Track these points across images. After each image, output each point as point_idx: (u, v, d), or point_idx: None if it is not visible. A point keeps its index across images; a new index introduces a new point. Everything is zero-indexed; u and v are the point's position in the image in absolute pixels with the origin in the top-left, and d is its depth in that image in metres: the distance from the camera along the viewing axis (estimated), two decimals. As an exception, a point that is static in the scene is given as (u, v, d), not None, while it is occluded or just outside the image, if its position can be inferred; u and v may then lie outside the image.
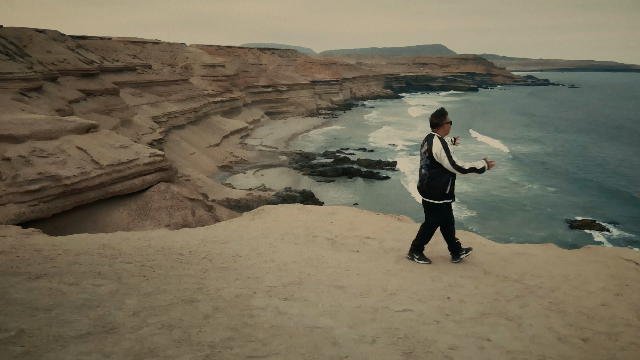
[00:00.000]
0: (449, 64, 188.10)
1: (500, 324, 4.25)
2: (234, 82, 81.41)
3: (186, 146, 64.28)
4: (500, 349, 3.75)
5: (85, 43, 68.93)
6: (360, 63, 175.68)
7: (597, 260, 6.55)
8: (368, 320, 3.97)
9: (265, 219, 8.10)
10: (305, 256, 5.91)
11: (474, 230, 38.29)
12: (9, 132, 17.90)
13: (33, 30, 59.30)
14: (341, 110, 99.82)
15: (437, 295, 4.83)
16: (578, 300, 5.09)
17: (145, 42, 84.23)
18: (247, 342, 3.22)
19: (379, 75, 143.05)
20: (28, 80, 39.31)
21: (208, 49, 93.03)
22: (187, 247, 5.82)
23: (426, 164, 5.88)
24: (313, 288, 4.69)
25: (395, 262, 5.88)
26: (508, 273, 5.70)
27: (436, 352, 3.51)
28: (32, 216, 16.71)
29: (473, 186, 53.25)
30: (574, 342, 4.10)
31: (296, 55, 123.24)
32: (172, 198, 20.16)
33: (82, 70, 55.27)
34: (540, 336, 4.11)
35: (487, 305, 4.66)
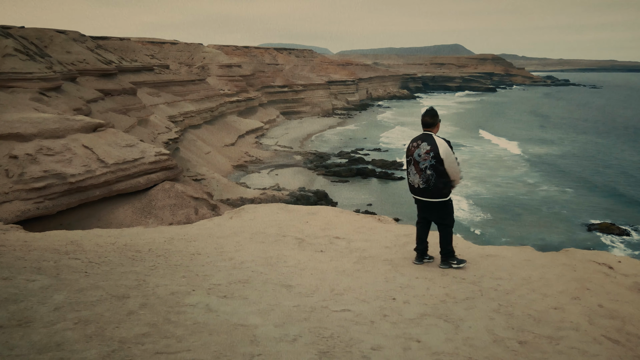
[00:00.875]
0: (466, 64, 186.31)
1: (438, 325, 4.23)
2: (250, 82, 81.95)
3: (202, 145, 64.98)
4: (426, 350, 3.73)
5: (105, 43, 70.17)
6: (377, 63, 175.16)
7: (566, 264, 6.45)
8: (300, 319, 3.99)
9: (243, 217, 8.18)
10: (267, 255, 5.96)
11: (489, 233, 37.85)
12: (17, 131, 18.35)
13: (54, 30, 60.54)
14: (357, 111, 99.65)
15: (384, 296, 4.82)
16: (530, 303, 5.03)
17: (164, 42, 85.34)
18: (162, 338, 3.28)
19: (395, 76, 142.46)
20: (47, 80, 40.20)
21: (225, 49, 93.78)
22: (151, 244, 5.92)
23: (431, 165, 5.71)
24: (259, 287, 4.73)
25: (355, 262, 5.89)
26: (467, 275, 5.66)
27: (356, 352, 3.52)
28: (37, 213, 17.11)
29: (488, 188, 52.69)
30: (509, 345, 4.06)
31: (312, 56, 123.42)
32: (176, 197, 20.42)
33: (100, 70, 56.31)
34: (475, 338, 4.08)
35: (431, 306, 4.64)
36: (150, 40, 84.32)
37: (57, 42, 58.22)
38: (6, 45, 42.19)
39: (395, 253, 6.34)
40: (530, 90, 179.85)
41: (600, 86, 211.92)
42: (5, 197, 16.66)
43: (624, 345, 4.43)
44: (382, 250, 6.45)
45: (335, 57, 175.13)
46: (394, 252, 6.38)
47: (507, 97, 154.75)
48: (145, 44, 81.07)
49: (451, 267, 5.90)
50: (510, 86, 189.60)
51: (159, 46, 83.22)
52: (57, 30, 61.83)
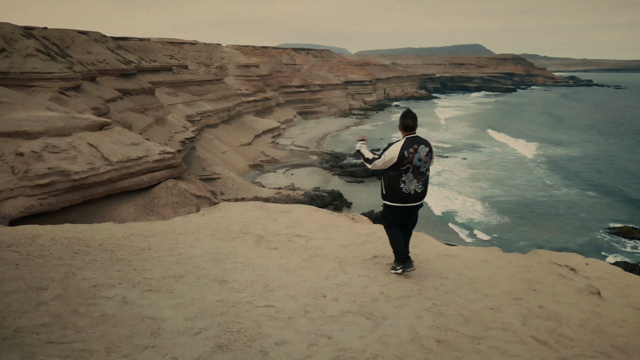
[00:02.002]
0: (486, 64, 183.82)
1: (357, 322, 4.24)
2: (268, 82, 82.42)
3: (218, 145, 65.61)
4: (333, 346, 3.76)
5: (125, 44, 71.36)
6: (395, 63, 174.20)
7: (523, 265, 6.37)
8: (216, 314, 4.06)
9: (214, 215, 8.29)
10: (218, 251, 6.05)
11: (506, 237, 37.25)
12: (24, 129, 18.86)
13: (76, 31, 61.74)
14: (374, 111, 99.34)
15: (316, 293, 4.85)
16: (467, 303, 4.99)
17: (183, 42, 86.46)
18: (61, 328, 3.38)
19: (413, 76, 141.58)
20: (67, 80, 41.10)
21: (243, 50, 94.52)
22: (106, 239, 6.06)
23: (429, 166, 5.76)
24: (191, 282, 4.81)
25: (303, 260, 5.93)
26: (413, 274, 5.64)
27: (256, 347, 3.56)
28: (41, 209, 17.56)
29: (505, 190, 51.95)
30: (425, 343, 4.05)
31: (330, 56, 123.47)
32: (178, 195, 20.70)
33: (120, 70, 57.29)
34: (391, 336, 4.08)
35: (360, 304, 4.65)
36: (170, 41, 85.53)
37: (78, 43, 59.37)
38: (28, 46, 43.21)
39: (348, 252, 6.36)
40: (551, 91, 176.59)
41: (624, 87, 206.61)
42: (10, 193, 17.17)
43: (551, 346, 4.37)
44: (336, 249, 6.47)
45: (353, 57, 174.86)
46: (348, 251, 6.39)
47: (527, 97, 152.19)
48: (165, 44, 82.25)
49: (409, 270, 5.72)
50: (532, 86, 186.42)
51: (178, 46, 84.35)
52: (79, 31, 63.03)
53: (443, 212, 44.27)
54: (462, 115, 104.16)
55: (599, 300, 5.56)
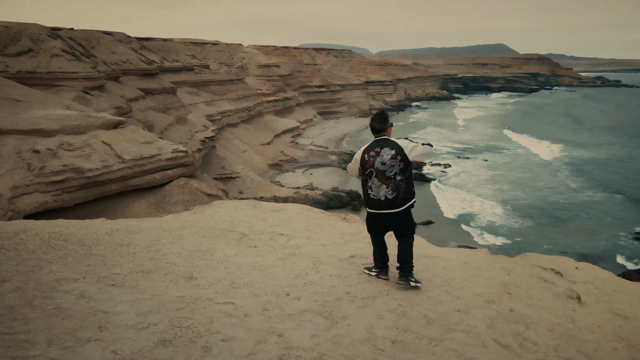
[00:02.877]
0: (510, 64, 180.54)
1: (314, 321, 4.24)
2: (288, 82, 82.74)
3: (238, 144, 66.14)
4: (282, 344, 3.76)
5: (149, 44, 72.48)
6: (417, 63, 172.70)
7: (504, 267, 6.26)
8: (171, 309, 4.11)
9: (205, 212, 8.37)
10: (197, 248, 6.11)
11: (529, 241, 36.52)
12: (41, 127, 19.36)
13: (101, 32, 62.95)
14: (394, 111, 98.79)
15: (281, 291, 4.86)
16: (435, 305, 4.93)
17: (205, 43, 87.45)
18: (9, 320, 3.47)
19: (434, 76, 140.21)
20: (91, 79, 42.00)
21: (265, 50, 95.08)
22: (88, 235, 6.18)
23: (400, 169, 5.13)
24: (158, 277, 4.88)
25: (279, 258, 5.94)
26: (389, 275, 5.60)
27: (200, 342, 3.59)
28: (55, 205, 18.01)
29: (528, 193, 51.01)
30: (379, 344, 4.02)
31: (351, 56, 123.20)
32: (190, 192, 20.96)
33: (142, 70, 58.20)
34: (345, 336, 4.07)
35: (321, 303, 4.64)
36: (193, 41, 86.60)
37: (103, 43, 60.48)
38: (54, 46, 44.25)
39: (327, 251, 6.35)
40: (576, 92, 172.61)
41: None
42: (26, 189, 17.65)
43: (513, 350, 4.29)
44: (315, 248, 6.47)
45: (374, 58, 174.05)
46: (326, 250, 6.38)
47: (551, 98, 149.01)
48: (188, 44, 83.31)
49: (410, 284, 5.22)
50: (557, 87, 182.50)
51: (200, 46, 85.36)
52: (104, 31, 64.20)
53: (459, 215, 43.71)
54: (483, 116, 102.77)
55: (577, 305, 5.43)
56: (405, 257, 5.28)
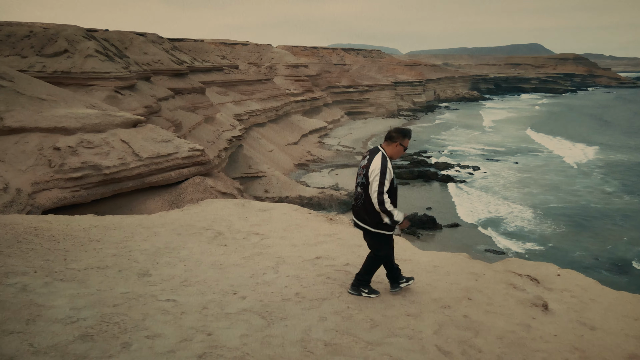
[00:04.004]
0: (544, 65, 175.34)
1: (249, 321, 4.24)
2: (316, 82, 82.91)
3: (265, 143, 66.67)
4: (207, 343, 3.77)
5: (181, 45, 73.87)
6: (447, 64, 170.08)
7: (473, 272, 6.12)
8: (108, 305, 4.19)
9: (191, 210, 8.50)
10: (166, 246, 6.21)
11: (561, 247, 35.43)
12: (62, 125, 20.02)
13: (134, 33, 64.52)
14: (423, 112, 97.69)
15: (230, 290, 4.89)
16: (385, 309, 4.86)
17: (236, 43, 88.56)
18: (-57, 309, 3.63)
19: (465, 77, 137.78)
20: (122, 79, 43.12)
21: (294, 50, 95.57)
22: (64, 230, 6.36)
23: (362, 183, 4.95)
24: (112, 273, 4.98)
25: (243, 257, 5.98)
26: (346, 278, 5.56)
27: (122, 338, 3.65)
28: (73, 201, 18.59)
29: (560, 197, 49.55)
30: (310, 346, 3.99)
31: (380, 56, 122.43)
32: (204, 191, 21.27)
33: (173, 70, 59.35)
34: (276, 336, 4.05)
35: (265, 303, 4.65)
36: (224, 42, 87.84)
37: (135, 44, 61.91)
38: (88, 47, 45.56)
39: (295, 251, 6.35)
40: (613, 93, 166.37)
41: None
42: (46, 185, 18.30)
43: (454, 357, 4.20)
44: (285, 248, 6.48)
45: (404, 58, 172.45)
46: (295, 251, 6.38)
47: (587, 99, 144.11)
48: (219, 45, 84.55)
49: (361, 295, 5.13)
50: (594, 88, 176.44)
51: (231, 47, 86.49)
52: (137, 32, 65.70)
53: (485, 219, 42.78)
54: (514, 117, 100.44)
55: (540, 313, 5.26)
56: (362, 270, 5.16)
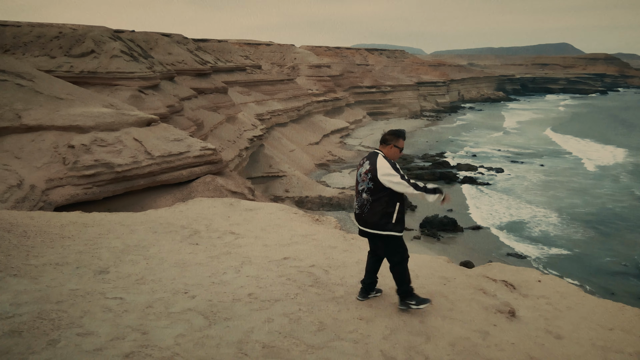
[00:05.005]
0: (574, 65, 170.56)
1: (190, 321, 4.21)
2: (339, 82, 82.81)
3: (287, 143, 66.92)
4: (140, 342, 3.76)
5: (205, 45, 74.74)
6: (472, 64, 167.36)
7: (443, 276, 5.96)
8: (52, 301, 4.23)
9: (176, 209, 8.56)
10: (136, 244, 6.25)
11: (590, 253, 34.40)
12: (77, 123, 20.47)
13: (159, 34, 65.58)
14: (446, 113, 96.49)
15: (182, 289, 4.87)
16: (339, 312, 4.77)
17: (259, 43, 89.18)
18: None
19: (490, 77, 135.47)
20: (146, 79, 43.88)
21: (317, 50, 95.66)
22: (40, 226, 6.47)
23: (368, 188, 4.83)
24: (68, 270, 5.03)
25: (210, 257, 5.96)
26: (308, 280, 5.48)
27: (52, 335, 3.66)
28: (85, 197, 18.98)
29: (587, 201, 48.25)
30: (247, 348, 3.93)
31: (404, 56, 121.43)
32: (214, 190, 21.44)
33: (196, 70, 60.08)
34: (214, 337, 4.01)
35: (214, 303, 4.60)
36: (247, 42, 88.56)
37: (161, 44, 62.86)
38: (114, 47, 46.52)
39: (265, 252, 6.30)
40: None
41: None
42: (59, 182, 18.73)
43: None
44: (255, 248, 6.44)
45: (428, 58, 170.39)
46: (265, 251, 6.34)
47: (619, 101, 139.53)
48: (242, 45, 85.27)
49: (411, 308, 4.92)
50: (626, 88, 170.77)
51: (254, 47, 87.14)
52: (163, 33, 66.67)
53: (507, 222, 41.88)
54: (540, 119, 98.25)
55: (503, 320, 5.08)
56: (396, 284, 5.03)
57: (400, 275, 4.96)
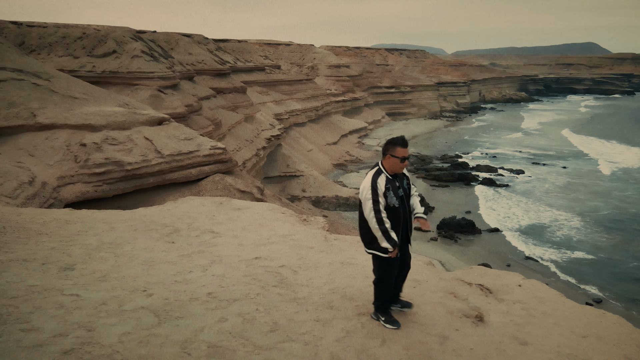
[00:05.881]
0: (600, 65, 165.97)
1: (140, 318, 4.22)
2: (358, 82, 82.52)
3: (304, 143, 67.00)
4: (83, 339, 3.78)
5: (225, 45, 75.30)
6: (494, 64, 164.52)
7: (415, 279, 5.86)
8: (7, 297, 4.28)
9: (164, 207, 8.65)
10: (110, 241, 6.31)
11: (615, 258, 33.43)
12: (89, 122, 20.84)
13: (180, 34, 66.31)
14: (466, 113, 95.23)
15: (142, 287, 4.89)
16: (296, 314, 4.73)
17: (279, 44, 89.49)
18: None
19: (512, 77, 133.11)
20: (165, 79, 44.47)
21: (336, 50, 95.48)
22: (21, 222, 6.60)
23: (359, 202, 4.73)
24: (33, 266, 5.10)
25: (181, 255, 5.98)
26: (274, 280, 5.45)
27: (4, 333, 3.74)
28: (95, 195, 19.31)
29: (611, 204, 47.04)
30: (191, 348, 3.92)
31: (424, 56, 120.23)
32: (223, 188, 21.59)
33: (215, 70, 60.56)
34: (160, 336, 4.00)
35: (169, 302, 4.61)
36: (267, 42, 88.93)
37: (181, 45, 63.56)
38: (135, 48, 47.23)
39: (238, 251, 6.29)
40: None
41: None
42: (71, 180, 19.10)
43: None
44: (230, 247, 6.44)
45: (449, 58, 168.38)
46: (239, 250, 6.33)
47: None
48: (262, 45, 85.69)
49: (379, 321, 4.82)
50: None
51: (274, 47, 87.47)
52: (184, 34, 67.36)
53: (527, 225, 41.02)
54: (563, 120, 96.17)
55: (468, 325, 4.96)
56: (374, 296, 4.93)
57: (379, 293, 4.81)
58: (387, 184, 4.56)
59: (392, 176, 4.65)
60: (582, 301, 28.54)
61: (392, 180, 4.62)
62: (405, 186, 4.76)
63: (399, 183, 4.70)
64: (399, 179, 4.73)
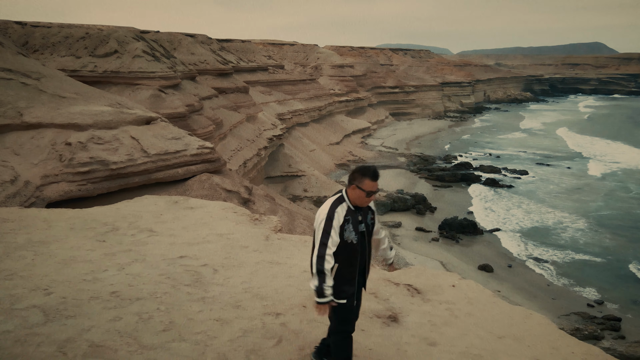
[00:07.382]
0: (606, 65, 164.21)
1: (23, 316, 4.18)
2: (361, 82, 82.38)
3: (307, 143, 66.97)
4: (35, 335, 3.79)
5: (228, 45, 75.48)
6: (500, 64, 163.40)
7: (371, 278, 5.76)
8: None
9: (115, 206, 8.63)
10: (39, 240, 6.26)
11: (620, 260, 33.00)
12: (75, 121, 20.96)
13: (183, 34, 66.52)
14: (470, 114, 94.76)
15: (44, 286, 4.84)
16: (198, 313, 4.67)
17: (283, 44, 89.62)
18: None
19: (518, 77, 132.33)
20: (167, 79, 44.64)
21: (340, 50, 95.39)
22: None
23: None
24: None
25: (106, 254, 5.92)
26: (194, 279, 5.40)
27: None
28: (79, 194, 19.40)
29: (616, 205, 46.59)
30: (69, 347, 3.86)
31: (429, 56, 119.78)
32: (209, 188, 21.60)
33: (218, 70, 60.65)
34: (41, 335, 3.98)
35: (66, 300, 4.56)
36: (271, 42, 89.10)
37: (184, 45, 63.77)
38: (136, 48, 47.48)
39: (167, 250, 6.24)
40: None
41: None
42: (54, 179, 19.21)
43: None
44: (161, 246, 6.38)
45: (454, 58, 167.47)
46: (168, 249, 6.27)
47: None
48: (266, 45, 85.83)
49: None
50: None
51: (278, 47, 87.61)
52: (187, 34, 67.52)
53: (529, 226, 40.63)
54: (567, 120, 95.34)
55: (378, 326, 4.86)
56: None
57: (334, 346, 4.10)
58: (347, 216, 3.87)
59: (356, 208, 3.93)
60: (582, 303, 28.21)
61: (354, 212, 3.91)
62: (369, 222, 4.06)
63: (362, 217, 3.97)
64: (363, 212, 3.99)
